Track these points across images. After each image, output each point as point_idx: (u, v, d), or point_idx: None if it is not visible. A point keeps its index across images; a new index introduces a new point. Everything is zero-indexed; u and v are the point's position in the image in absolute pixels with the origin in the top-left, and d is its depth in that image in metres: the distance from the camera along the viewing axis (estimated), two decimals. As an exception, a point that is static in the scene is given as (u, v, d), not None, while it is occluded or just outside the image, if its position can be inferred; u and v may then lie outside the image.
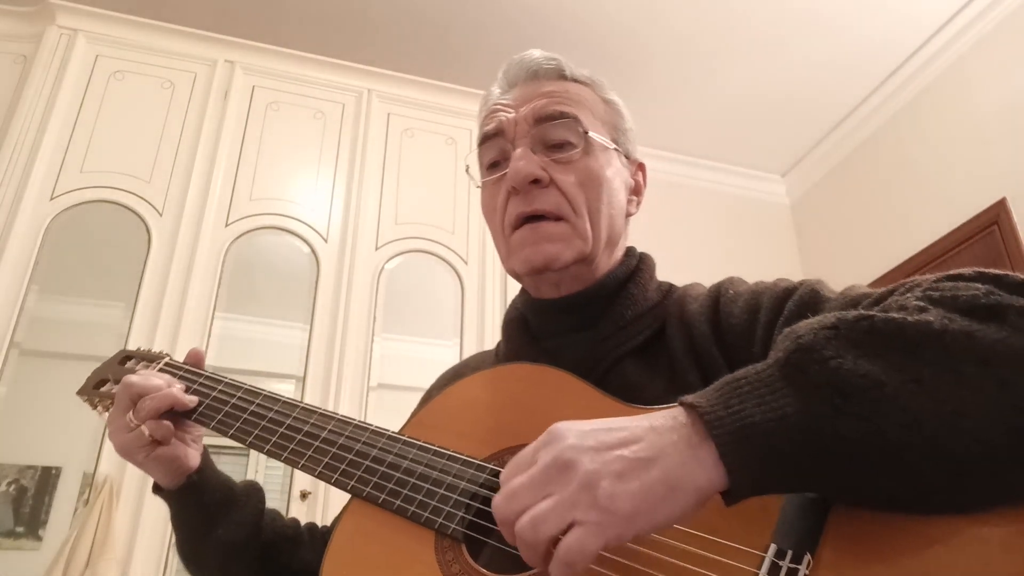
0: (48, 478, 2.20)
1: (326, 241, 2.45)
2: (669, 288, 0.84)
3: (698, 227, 3.60)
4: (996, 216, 2.72)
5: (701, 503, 0.48)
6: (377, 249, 2.50)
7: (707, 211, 3.71)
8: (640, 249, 0.87)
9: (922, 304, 0.50)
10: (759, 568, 0.48)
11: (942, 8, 2.92)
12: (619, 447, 0.48)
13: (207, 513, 0.84)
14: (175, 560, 1.93)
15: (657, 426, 0.50)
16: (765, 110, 3.43)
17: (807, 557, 0.47)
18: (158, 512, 1.91)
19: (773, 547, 0.49)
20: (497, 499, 0.50)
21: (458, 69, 3.00)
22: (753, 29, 3.01)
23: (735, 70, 3.21)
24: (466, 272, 2.55)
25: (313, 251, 2.44)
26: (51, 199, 2.25)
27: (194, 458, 0.85)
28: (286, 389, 2.39)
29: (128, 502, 1.95)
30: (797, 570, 0.47)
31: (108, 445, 1.95)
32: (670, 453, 0.48)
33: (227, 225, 2.39)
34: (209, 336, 2.22)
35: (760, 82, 3.27)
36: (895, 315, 0.49)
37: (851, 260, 3.39)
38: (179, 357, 0.92)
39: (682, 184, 3.68)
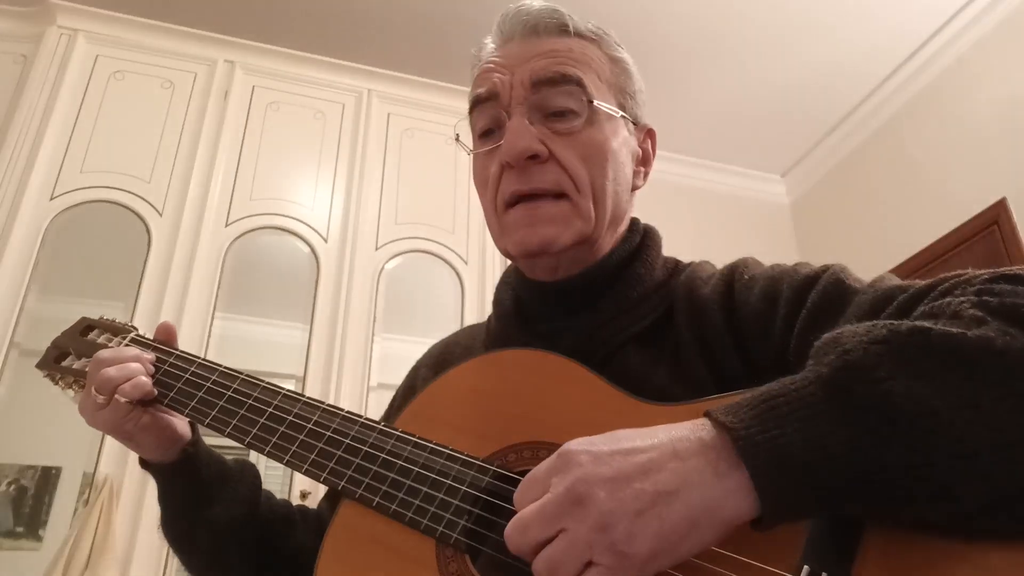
0: (48, 478, 2.20)
1: (326, 241, 2.45)
2: (676, 265, 0.78)
3: (698, 227, 3.60)
4: (996, 216, 2.72)
5: (727, 535, 0.45)
6: (377, 249, 2.50)
7: (707, 211, 3.70)
8: None
9: (979, 314, 0.46)
10: None
11: (942, 8, 2.91)
12: (638, 478, 0.45)
13: (202, 488, 0.78)
14: (175, 560, 1.92)
15: (680, 450, 0.46)
16: (765, 110, 3.43)
17: None
18: (158, 512, 1.90)
19: (806, 569, 0.45)
20: (509, 530, 0.48)
21: (458, 69, 2.98)
22: (753, 29, 3.00)
23: (735, 70, 3.21)
24: (466, 272, 2.55)
25: (313, 251, 2.43)
26: (51, 199, 2.25)
27: (184, 427, 0.79)
28: (286, 389, 2.37)
29: (128, 502, 1.94)
30: None
31: (108, 445, 1.95)
32: (695, 483, 0.44)
33: (227, 225, 2.39)
34: (209, 336, 2.22)
35: (760, 82, 3.26)
36: (953, 329, 0.45)
37: (851, 260, 3.24)
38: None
39: (682, 184, 3.68)
